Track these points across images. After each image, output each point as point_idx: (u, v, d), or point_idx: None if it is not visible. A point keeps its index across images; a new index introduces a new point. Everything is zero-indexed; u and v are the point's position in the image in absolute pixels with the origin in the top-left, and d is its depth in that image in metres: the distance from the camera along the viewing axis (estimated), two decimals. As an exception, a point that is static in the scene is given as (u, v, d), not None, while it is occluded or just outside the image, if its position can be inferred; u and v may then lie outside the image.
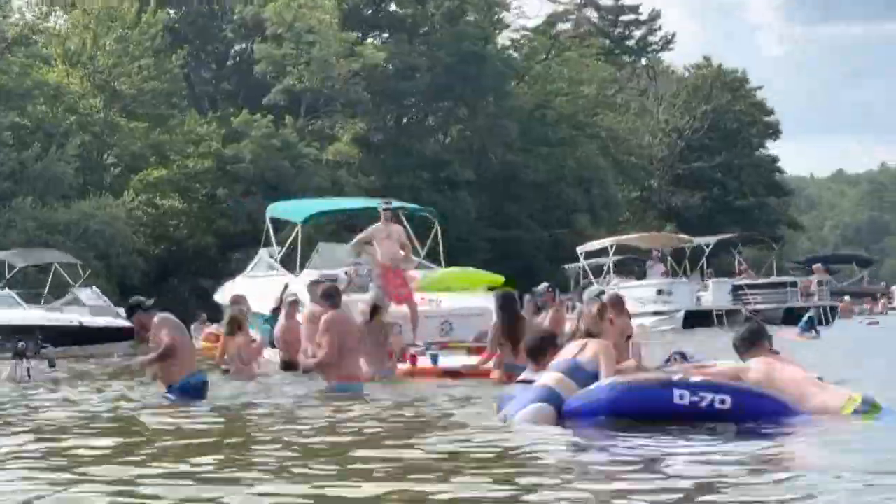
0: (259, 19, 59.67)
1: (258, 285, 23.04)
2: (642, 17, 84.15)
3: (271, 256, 24.14)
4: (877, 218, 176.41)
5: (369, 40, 63.30)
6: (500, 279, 22.29)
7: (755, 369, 9.96)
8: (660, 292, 37.82)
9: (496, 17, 66.94)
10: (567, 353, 10.15)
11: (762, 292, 43.31)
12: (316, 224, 28.54)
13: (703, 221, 70.08)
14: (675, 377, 9.91)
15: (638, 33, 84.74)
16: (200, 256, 54.97)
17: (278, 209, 27.06)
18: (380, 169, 59.58)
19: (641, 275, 42.10)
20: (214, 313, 42.43)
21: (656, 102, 77.61)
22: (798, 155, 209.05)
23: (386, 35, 64.13)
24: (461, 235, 58.66)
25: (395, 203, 24.68)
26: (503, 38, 67.24)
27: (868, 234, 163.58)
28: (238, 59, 64.99)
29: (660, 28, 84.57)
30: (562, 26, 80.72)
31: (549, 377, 9.94)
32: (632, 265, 46.57)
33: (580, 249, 42.58)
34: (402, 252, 20.08)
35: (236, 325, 17.75)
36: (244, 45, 63.56)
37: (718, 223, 67.66)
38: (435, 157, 60.92)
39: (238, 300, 19.55)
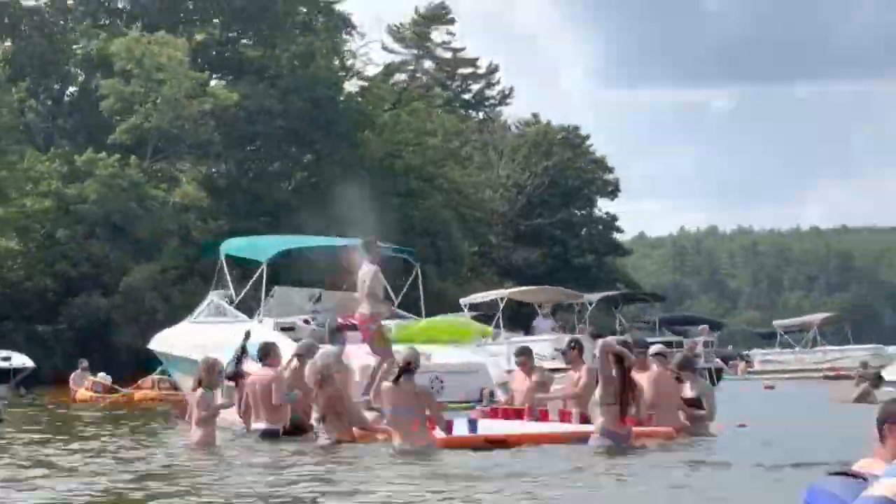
0: (103, 55, 57.09)
1: (209, 332, 20.22)
2: (480, 71, 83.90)
3: (226, 300, 21.07)
4: (679, 281, 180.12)
5: (214, 81, 61.31)
6: (490, 330, 20.47)
7: None
8: (556, 349, 36.24)
9: (345, 62, 65.59)
10: None
11: (652, 352, 41.98)
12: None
13: (542, 278, 69.27)
14: None
15: (476, 87, 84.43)
16: (38, 300, 52.05)
17: (236, 246, 23.85)
18: (227, 213, 57.44)
19: (527, 330, 40.56)
20: (96, 361, 39.93)
21: (497, 157, 76.96)
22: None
23: (231, 77, 61.94)
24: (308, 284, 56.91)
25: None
26: (351, 86, 65.73)
27: (672, 297, 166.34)
28: (77, 95, 62.05)
29: (498, 82, 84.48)
30: (399, 77, 79.70)
31: (888, 485, 6.90)
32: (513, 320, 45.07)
33: (464, 301, 40.77)
34: None
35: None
36: (85, 81, 60.67)
37: (558, 280, 66.84)
38: (284, 203, 58.97)
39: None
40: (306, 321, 19.29)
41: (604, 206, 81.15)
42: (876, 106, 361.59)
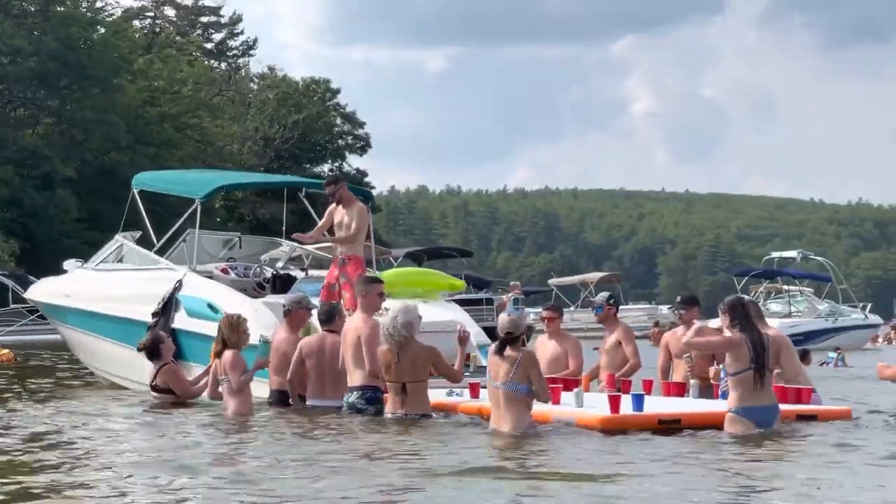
0: None
1: (123, 281, 17.41)
2: (224, 20, 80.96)
3: (134, 241, 17.83)
4: (394, 241, 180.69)
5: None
6: (461, 283, 18.09)
7: None
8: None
9: (94, 4, 62.17)
10: None
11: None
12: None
13: (289, 233, 67.56)
14: None
15: (218, 36, 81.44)
16: None
17: (158, 180, 19.88)
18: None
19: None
20: None
21: (245, 109, 74.46)
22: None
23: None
24: (55, 237, 54.07)
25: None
26: (103, 28, 62.22)
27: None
28: None
29: (241, 32, 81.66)
30: (137, 24, 76.05)
31: None
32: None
33: (264, 257, 38.88)
34: None
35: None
36: None
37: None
38: (34, 149, 55.54)
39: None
40: (225, 270, 16.95)
41: (353, 161, 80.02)
42: (581, 71, 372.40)
